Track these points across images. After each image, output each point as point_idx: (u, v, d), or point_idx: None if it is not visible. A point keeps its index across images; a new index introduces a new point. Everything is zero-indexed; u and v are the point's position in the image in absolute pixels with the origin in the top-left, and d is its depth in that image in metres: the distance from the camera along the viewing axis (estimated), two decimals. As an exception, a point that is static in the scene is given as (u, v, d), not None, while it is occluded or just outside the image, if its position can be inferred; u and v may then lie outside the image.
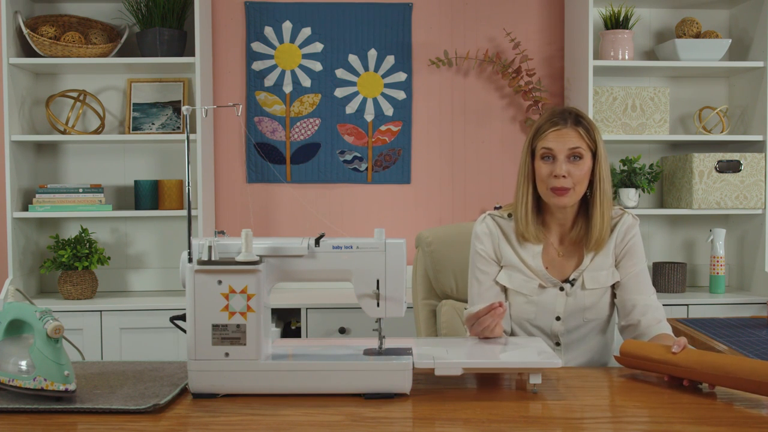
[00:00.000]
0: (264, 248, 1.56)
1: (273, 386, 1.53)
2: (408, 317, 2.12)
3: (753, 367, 1.47)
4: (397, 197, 3.56)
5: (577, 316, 1.96)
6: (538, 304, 1.96)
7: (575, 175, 1.88)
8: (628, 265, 1.97)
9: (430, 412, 1.44)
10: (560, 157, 1.88)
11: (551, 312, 1.96)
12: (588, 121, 1.93)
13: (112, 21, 3.43)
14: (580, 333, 1.98)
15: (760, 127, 3.32)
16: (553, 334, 1.98)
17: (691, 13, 3.53)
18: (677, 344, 1.61)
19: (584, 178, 1.90)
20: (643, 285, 1.96)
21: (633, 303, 1.93)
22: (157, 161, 3.49)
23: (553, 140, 1.89)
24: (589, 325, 1.98)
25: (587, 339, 1.99)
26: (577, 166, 1.89)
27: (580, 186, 1.90)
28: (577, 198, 1.92)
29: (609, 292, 1.99)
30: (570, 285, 1.96)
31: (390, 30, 3.52)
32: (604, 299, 1.98)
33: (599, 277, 1.96)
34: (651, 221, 3.58)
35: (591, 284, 1.95)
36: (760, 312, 3.14)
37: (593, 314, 1.96)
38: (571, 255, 1.99)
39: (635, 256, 1.98)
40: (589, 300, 1.96)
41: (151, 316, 3.10)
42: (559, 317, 1.96)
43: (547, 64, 3.56)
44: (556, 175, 1.88)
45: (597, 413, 1.45)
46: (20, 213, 3.19)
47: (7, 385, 1.48)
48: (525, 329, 2.00)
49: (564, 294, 1.96)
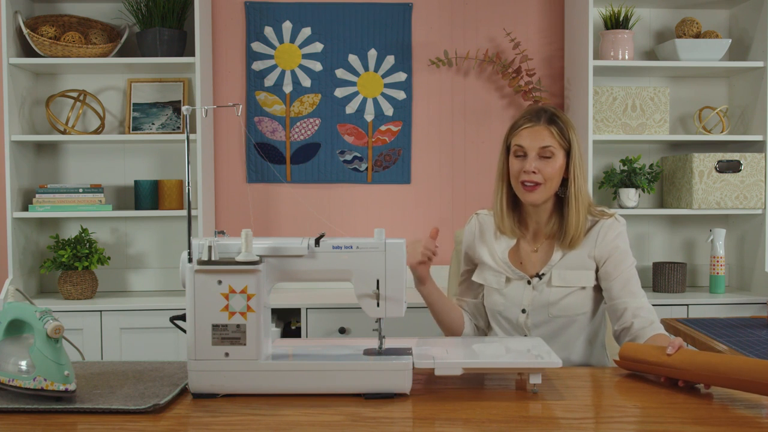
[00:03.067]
0: (264, 248, 1.57)
1: (273, 386, 1.53)
2: (408, 317, 2.12)
3: (744, 366, 1.47)
4: (397, 197, 3.56)
5: (541, 311, 1.99)
6: (506, 296, 2.03)
7: (545, 172, 1.94)
8: (613, 268, 1.97)
9: (430, 412, 1.44)
10: (531, 154, 1.95)
11: (518, 304, 2.01)
12: (563, 120, 1.98)
13: (112, 21, 3.43)
14: (548, 329, 1.99)
15: (760, 127, 3.31)
16: (519, 327, 2.02)
17: (691, 13, 3.53)
18: (672, 345, 1.61)
19: (555, 176, 1.95)
20: (633, 287, 1.96)
21: (624, 306, 1.93)
22: (157, 161, 3.49)
23: (525, 137, 1.96)
24: (556, 322, 1.98)
25: (558, 336, 1.99)
26: (547, 163, 1.94)
27: (551, 183, 1.95)
28: (548, 195, 1.97)
29: (581, 293, 1.98)
30: (538, 279, 1.99)
31: (390, 30, 3.52)
32: (573, 299, 1.98)
33: (568, 275, 1.97)
34: (651, 221, 3.58)
35: (558, 281, 1.97)
36: (760, 312, 3.14)
37: (558, 311, 1.97)
38: (545, 251, 2.03)
39: (620, 258, 1.97)
40: (555, 296, 1.97)
41: (151, 316, 3.10)
42: (525, 310, 2.00)
43: (547, 64, 3.56)
44: (526, 171, 1.94)
45: (597, 413, 1.45)
46: (20, 213, 3.19)
47: (7, 385, 1.48)
48: (497, 321, 2.06)
49: (531, 287, 2.00)
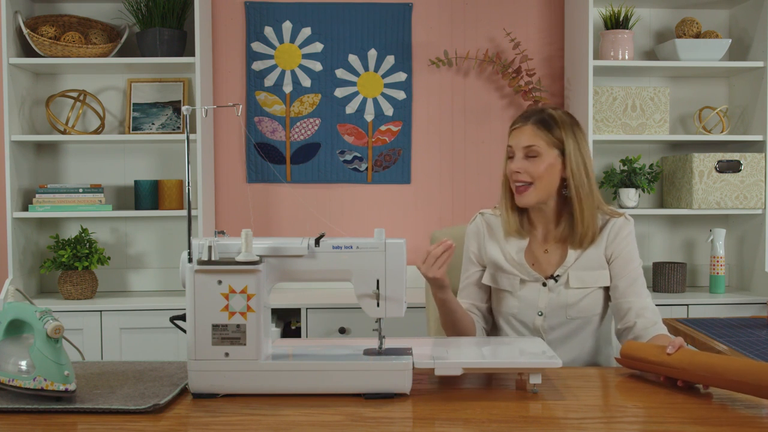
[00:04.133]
0: (264, 248, 1.56)
1: (273, 386, 1.53)
2: (408, 317, 2.12)
3: (743, 368, 1.46)
4: (397, 197, 3.56)
5: (559, 313, 1.97)
6: (520, 299, 1.99)
7: (531, 171, 1.92)
8: (621, 267, 1.96)
9: (430, 412, 1.44)
10: (518, 154, 1.94)
11: (533, 307, 1.98)
12: (555, 120, 1.94)
13: (112, 21, 3.43)
14: (564, 330, 1.98)
15: (760, 127, 3.31)
16: (536, 330, 1.99)
17: (691, 13, 3.53)
18: (672, 345, 1.61)
19: (544, 175, 1.92)
20: (639, 287, 1.96)
21: (629, 306, 1.93)
22: (157, 161, 3.49)
23: (513, 138, 1.97)
24: (573, 323, 1.97)
25: (573, 337, 1.98)
26: (533, 163, 1.92)
27: (540, 183, 1.93)
28: (540, 196, 1.94)
29: (598, 293, 1.98)
30: (554, 281, 1.97)
31: (390, 30, 3.52)
32: (591, 299, 1.97)
33: (585, 276, 1.96)
34: (651, 221, 3.58)
35: (576, 283, 1.96)
36: (760, 312, 3.14)
37: (576, 312, 1.96)
38: (556, 252, 2.00)
39: (628, 258, 1.97)
40: (573, 298, 1.96)
41: (151, 316, 3.10)
42: (541, 312, 1.97)
43: (547, 64, 3.56)
44: (512, 171, 1.94)
45: (597, 413, 1.45)
46: (20, 213, 3.19)
47: (7, 385, 1.48)
48: (510, 324, 2.02)
49: (547, 290, 1.98)
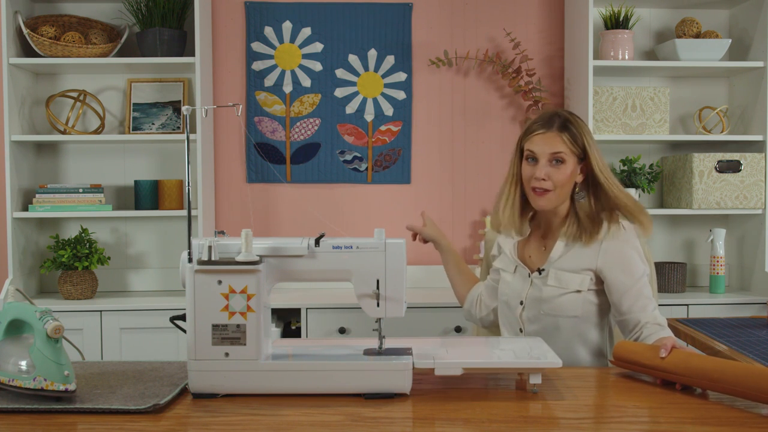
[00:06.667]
0: (264, 248, 1.57)
1: (273, 386, 1.53)
2: (408, 317, 2.12)
3: (739, 373, 1.46)
4: (397, 197, 3.56)
5: (534, 306, 2.00)
6: (510, 286, 2.06)
7: (556, 178, 1.94)
8: (620, 281, 1.92)
9: (430, 412, 1.44)
10: (542, 160, 1.95)
11: (517, 296, 2.03)
12: (577, 127, 1.96)
13: (112, 21, 3.43)
14: (539, 325, 1.99)
15: (760, 127, 3.31)
16: (516, 319, 2.03)
17: (691, 13, 3.52)
18: (664, 348, 1.61)
19: (566, 182, 1.95)
20: (643, 301, 1.92)
21: (636, 320, 1.90)
22: (157, 161, 3.49)
23: (537, 144, 1.96)
24: (546, 320, 1.98)
25: (547, 335, 1.96)
26: (558, 170, 1.94)
27: (561, 189, 1.95)
28: (558, 201, 1.97)
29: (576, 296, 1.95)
30: (538, 274, 2.00)
31: (390, 30, 3.52)
32: (566, 300, 1.95)
33: (563, 277, 1.96)
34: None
35: (552, 281, 1.97)
36: (760, 312, 3.14)
37: (550, 309, 1.97)
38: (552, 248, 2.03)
39: (625, 270, 1.93)
40: (547, 294, 1.97)
41: (151, 316, 3.10)
42: (522, 302, 2.02)
43: (547, 64, 3.56)
44: (537, 177, 1.95)
45: (597, 413, 1.45)
46: (20, 213, 3.19)
47: (7, 385, 1.48)
48: (502, 311, 2.10)
49: (530, 281, 2.02)
